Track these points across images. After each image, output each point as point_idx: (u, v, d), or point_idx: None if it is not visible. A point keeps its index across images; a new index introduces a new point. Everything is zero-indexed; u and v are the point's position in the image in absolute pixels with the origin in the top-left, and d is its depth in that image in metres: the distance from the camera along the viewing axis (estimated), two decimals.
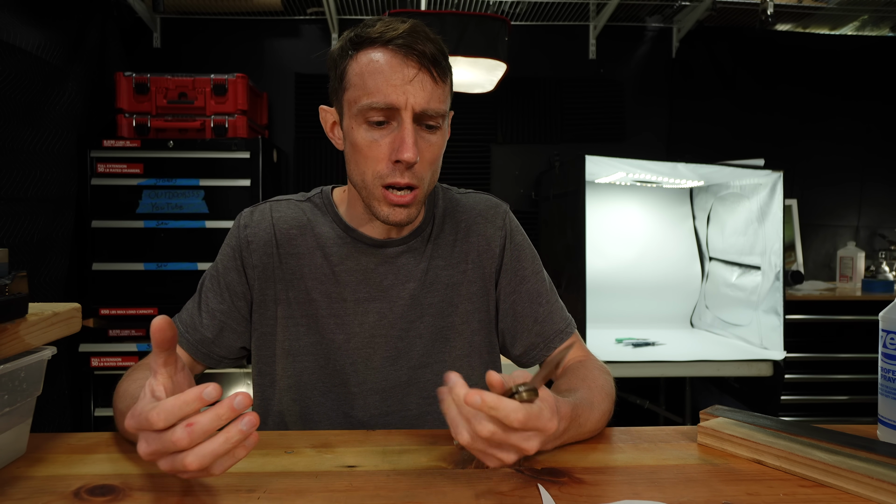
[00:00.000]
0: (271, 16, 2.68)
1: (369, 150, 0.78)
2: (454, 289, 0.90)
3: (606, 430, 0.80)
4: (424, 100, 0.76)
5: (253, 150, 2.17)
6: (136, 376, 0.79)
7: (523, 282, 0.92)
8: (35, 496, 0.59)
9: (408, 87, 0.75)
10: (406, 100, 0.75)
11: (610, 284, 2.36)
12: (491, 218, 0.93)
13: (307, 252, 0.88)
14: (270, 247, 0.88)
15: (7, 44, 1.76)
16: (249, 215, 0.92)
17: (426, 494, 0.60)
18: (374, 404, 0.88)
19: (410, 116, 0.76)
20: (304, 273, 0.88)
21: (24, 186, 1.83)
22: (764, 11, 2.30)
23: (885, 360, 0.71)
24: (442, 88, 0.79)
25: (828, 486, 0.62)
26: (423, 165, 0.79)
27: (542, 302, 0.91)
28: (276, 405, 0.90)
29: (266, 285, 0.88)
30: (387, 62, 0.75)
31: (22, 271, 0.64)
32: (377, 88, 0.75)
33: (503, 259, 0.92)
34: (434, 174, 0.82)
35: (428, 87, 0.76)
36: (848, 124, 2.90)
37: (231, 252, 0.90)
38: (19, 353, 0.65)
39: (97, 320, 2.15)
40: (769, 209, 1.97)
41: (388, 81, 0.75)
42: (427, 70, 0.76)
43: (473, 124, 2.77)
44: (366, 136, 0.78)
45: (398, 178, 0.77)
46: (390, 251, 0.88)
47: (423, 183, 0.80)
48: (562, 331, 0.91)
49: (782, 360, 1.89)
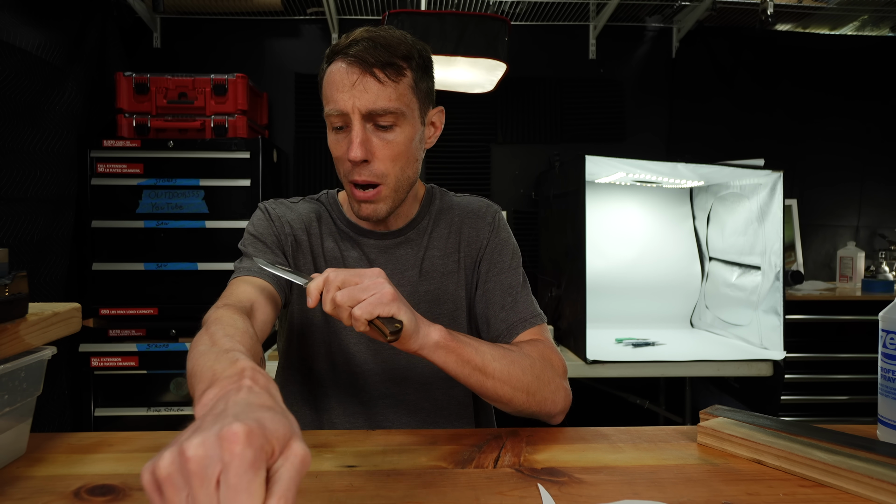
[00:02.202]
0: (271, 16, 2.68)
1: (335, 151, 0.87)
2: (448, 277, 0.97)
3: (606, 430, 0.80)
4: (369, 101, 0.82)
5: (253, 150, 2.17)
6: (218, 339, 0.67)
7: (500, 272, 0.96)
8: (35, 496, 0.59)
9: (353, 91, 0.82)
10: (352, 104, 0.82)
11: (610, 284, 2.35)
12: (482, 215, 1.00)
13: (324, 237, 0.96)
14: (299, 223, 0.95)
15: (7, 44, 1.76)
16: (272, 203, 0.98)
17: (426, 494, 0.60)
18: (375, 385, 0.93)
19: (358, 119, 0.83)
20: (324, 255, 0.95)
21: (24, 186, 1.83)
22: (764, 11, 2.30)
23: (885, 360, 0.71)
24: (393, 88, 0.83)
25: (828, 486, 0.62)
26: (383, 163, 0.85)
27: (512, 293, 0.95)
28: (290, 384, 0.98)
29: (298, 254, 0.94)
30: (338, 71, 0.83)
31: (22, 271, 0.64)
32: (331, 96, 0.84)
33: (486, 249, 0.98)
34: (403, 169, 0.88)
35: (372, 89, 0.82)
36: (848, 124, 2.89)
37: (263, 224, 0.94)
38: (19, 353, 0.65)
39: (97, 320, 2.15)
40: (769, 209, 1.97)
41: (338, 89, 0.83)
42: (370, 73, 0.82)
43: (473, 124, 2.77)
44: (332, 139, 0.88)
45: (356, 175, 0.85)
46: (389, 242, 0.96)
47: (386, 179, 0.86)
48: (526, 319, 0.93)
49: (782, 360, 1.89)
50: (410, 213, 0.98)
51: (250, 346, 0.64)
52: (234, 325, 0.66)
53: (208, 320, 0.69)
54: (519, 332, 0.92)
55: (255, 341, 0.67)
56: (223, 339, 0.61)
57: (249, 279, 0.84)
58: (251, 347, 0.63)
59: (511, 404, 0.81)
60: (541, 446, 0.74)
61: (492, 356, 0.78)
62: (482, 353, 0.77)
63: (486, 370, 0.77)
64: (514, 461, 0.69)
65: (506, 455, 0.71)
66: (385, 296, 0.66)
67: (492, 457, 0.70)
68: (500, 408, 0.84)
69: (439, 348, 0.73)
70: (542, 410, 0.83)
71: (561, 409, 0.85)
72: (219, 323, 0.67)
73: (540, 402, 0.82)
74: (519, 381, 0.79)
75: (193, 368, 0.57)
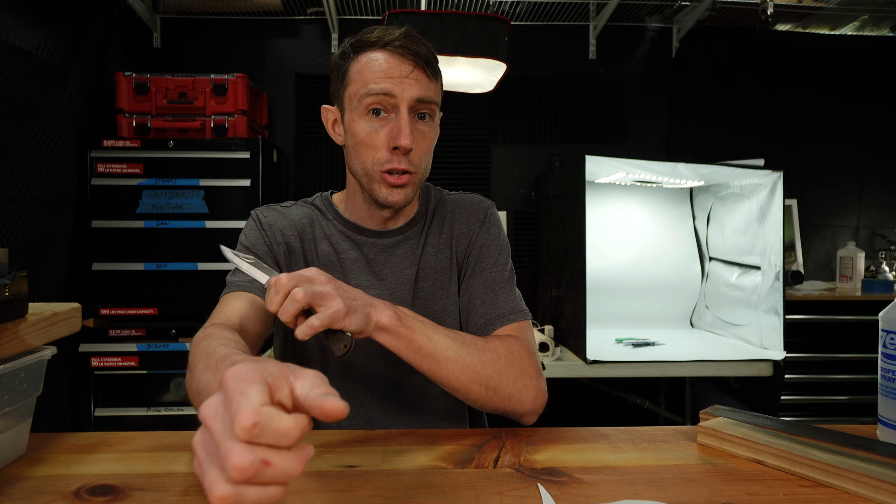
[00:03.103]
0: (271, 16, 2.68)
1: (370, 139, 0.86)
2: (442, 273, 0.97)
3: (606, 430, 0.80)
4: (420, 91, 0.85)
5: (253, 150, 2.17)
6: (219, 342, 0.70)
7: (485, 268, 0.96)
8: (35, 496, 0.59)
9: (405, 80, 0.84)
10: (403, 91, 0.84)
11: (610, 284, 2.35)
12: (474, 210, 1.00)
13: (318, 240, 0.96)
14: (291, 229, 0.95)
15: (7, 44, 1.76)
16: (264, 210, 0.98)
17: (426, 494, 0.60)
18: (374, 386, 0.94)
19: (407, 107, 0.84)
20: (318, 258, 0.95)
21: (24, 186, 1.83)
22: (764, 11, 2.30)
23: (885, 360, 0.71)
24: (435, 85, 0.88)
25: (828, 486, 0.62)
26: (419, 153, 0.87)
27: (494, 288, 0.95)
28: None
29: (291, 261, 0.94)
30: (385, 60, 0.84)
31: (22, 271, 0.64)
32: (376, 80, 0.84)
33: (475, 244, 0.98)
34: (427, 164, 0.90)
35: (423, 82, 0.85)
36: (848, 124, 2.89)
37: (255, 234, 0.94)
38: (19, 353, 0.65)
39: (97, 320, 2.15)
40: (769, 209, 1.97)
41: (387, 74, 0.84)
42: (422, 68, 0.85)
43: (473, 124, 2.77)
44: (366, 126, 0.86)
45: (396, 163, 0.85)
46: (388, 241, 0.96)
47: (418, 169, 0.88)
48: (504, 316, 0.92)
49: (782, 360, 1.89)
50: (411, 212, 0.99)
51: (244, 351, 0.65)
52: (225, 337, 0.68)
53: (197, 342, 0.70)
54: (496, 327, 0.91)
55: (247, 350, 0.67)
56: (218, 348, 0.64)
57: (240, 294, 0.84)
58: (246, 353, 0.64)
59: (469, 396, 0.80)
60: (541, 446, 0.74)
61: (446, 345, 0.77)
62: (435, 342, 0.76)
63: (438, 358, 0.76)
64: (514, 461, 0.69)
65: (506, 455, 0.71)
66: (338, 312, 0.66)
67: (492, 457, 0.70)
68: (463, 400, 0.82)
69: (384, 331, 0.73)
70: (506, 407, 0.81)
71: (530, 408, 0.83)
72: (209, 339, 0.68)
73: (503, 398, 0.80)
74: (476, 374, 0.78)
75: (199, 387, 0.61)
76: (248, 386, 0.38)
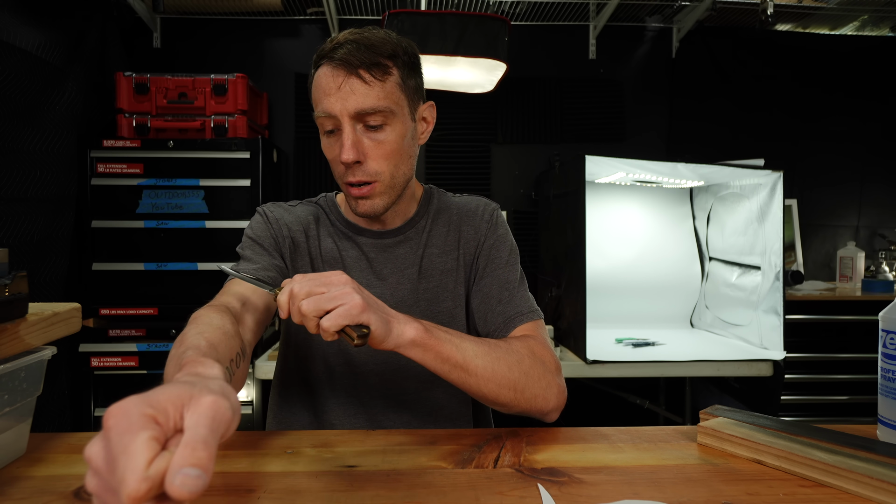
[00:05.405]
0: (271, 16, 2.68)
1: (329, 154, 0.88)
2: (447, 275, 0.97)
3: (606, 430, 0.80)
4: (357, 102, 0.82)
5: (253, 150, 2.17)
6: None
7: (497, 268, 0.96)
8: (35, 496, 0.59)
9: (339, 94, 0.82)
10: (340, 106, 0.82)
11: (610, 284, 2.35)
12: (480, 213, 1.00)
13: (322, 238, 0.97)
14: (297, 225, 0.96)
15: (7, 44, 1.76)
16: (270, 206, 0.99)
17: (426, 494, 0.60)
18: (375, 385, 0.94)
19: (347, 121, 0.83)
20: (322, 255, 0.96)
21: (24, 186, 1.83)
22: (764, 11, 2.30)
23: (884, 360, 0.71)
24: (379, 87, 0.83)
25: (828, 486, 0.62)
26: (376, 162, 0.86)
27: (509, 288, 0.95)
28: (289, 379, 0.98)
29: (296, 256, 0.95)
30: (324, 75, 0.84)
31: (22, 271, 0.64)
32: (319, 100, 0.85)
33: (484, 245, 0.98)
34: (397, 166, 0.88)
35: (359, 91, 0.82)
36: (848, 124, 2.89)
37: (261, 226, 0.95)
38: (19, 353, 0.65)
39: (97, 320, 2.15)
40: (769, 209, 1.97)
41: (325, 92, 0.83)
42: (355, 75, 0.82)
43: (473, 124, 2.77)
44: (325, 143, 0.89)
45: (351, 176, 0.86)
46: (387, 241, 0.96)
47: (380, 177, 0.86)
48: (523, 314, 0.92)
49: (782, 360, 1.89)
50: (409, 212, 0.98)
51: (218, 340, 0.64)
52: (208, 324, 0.67)
53: (188, 322, 0.69)
54: (516, 325, 0.91)
55: (226, 336, 0.66)
56: (191, 337, 0.62)
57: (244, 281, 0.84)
58: (219, 341, 0.63)
59: (498, 401, 0.80)
60: (541, 446, 0.74)
61: (474, 353, 0.77)
62: (463, 350, 0.76)
63: (468, 367, 0.76)
64: (514, 461, 0.69)
65: (506, 455, 0.71)
66: (354, 307, 0.63)
67: (492, 457, 0.70)
68: (490, 405, 0.83)
69: (415, 346, 0.72)
70: (533, 408, 0.82)
71: (554, 406, 0.83)
72: (193, 322, 0.68)
73: (530, 399, 0.80)
74: (505, 378, 0.78)
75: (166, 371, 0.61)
76: (131, 441, 0.34)
